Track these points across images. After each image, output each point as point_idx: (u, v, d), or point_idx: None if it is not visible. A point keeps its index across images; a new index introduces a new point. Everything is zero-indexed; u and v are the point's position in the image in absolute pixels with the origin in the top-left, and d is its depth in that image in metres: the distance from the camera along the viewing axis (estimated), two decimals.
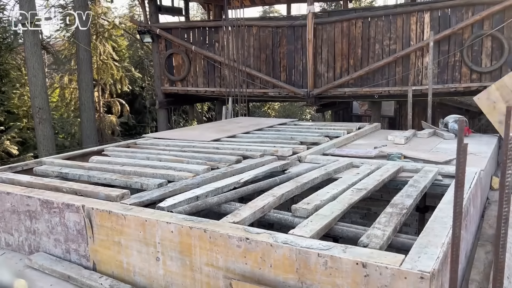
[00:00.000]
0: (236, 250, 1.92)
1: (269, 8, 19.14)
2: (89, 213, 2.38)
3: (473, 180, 2.79)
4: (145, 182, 2.91)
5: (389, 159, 3.70)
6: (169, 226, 2.11)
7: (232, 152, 3.85)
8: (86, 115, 9.92)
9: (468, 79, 7.38)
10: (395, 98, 9.15)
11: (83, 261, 2.47)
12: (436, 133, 5.10)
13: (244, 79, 8.64)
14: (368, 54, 7.98)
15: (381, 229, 2.01)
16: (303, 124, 6.03)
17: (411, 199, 2.45)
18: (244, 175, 3.04)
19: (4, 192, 2.78)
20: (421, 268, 1.57)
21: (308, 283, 1.77)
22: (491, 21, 7.07)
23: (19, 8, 8.36)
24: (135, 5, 15.65)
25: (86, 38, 9.79)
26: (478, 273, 2.36)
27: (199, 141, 4.58)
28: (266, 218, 2.43)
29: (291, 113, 18.60)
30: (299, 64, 8.50)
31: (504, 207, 1.49)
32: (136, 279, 2.28)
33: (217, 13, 11.12)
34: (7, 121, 9.85)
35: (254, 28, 8.79)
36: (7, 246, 2.85)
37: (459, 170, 1.45)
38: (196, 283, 2.07)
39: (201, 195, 2.61)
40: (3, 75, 10.24)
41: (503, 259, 1.52)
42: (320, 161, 3.61)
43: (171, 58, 9.58)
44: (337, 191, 2.63)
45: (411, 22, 7.59)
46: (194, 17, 17.60)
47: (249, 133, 5.14)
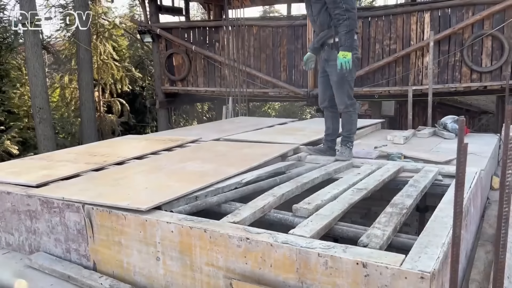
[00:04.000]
0: (236, 250, 1.92)
1: (269, 8, 19.10)
2: (89, 212, 2.38)
3: (473, 180, 2.79)
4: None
5: (390, 159, 3.70)
6: (169, 226, 2.11)
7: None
8: (87, 115, 9.91)
9: (468, 79, 7.37)
10: (395, 98, 9.14)
11: (83, 260, 2.48)
12: (436, 133, 5.09)
13: (244, 79, 8.64)
14: (368, 54, 7.97)
15: (381, 229, 2.01)
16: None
17: (411, 199, 2.45)
18: (247, 175, 3.02)
19: (5, 191, 2.78)
20: (422, 268, 1.57)
21: (308, 283, 1.77)
22: (491, 21, 7.06)
23: (20, 8, 8.36)
24: (135, 5, 15.64)
25: (87, 38, 9.79)
26: (478, 273, 2.36)
27: (204, 142, 4.58)
28: (266, 218, 2.43)
29: (291, 113, 18.59)
30: (299, 64, 8.50)
31: (504, 207, 1.48)
32: (136, 279, 2.28)
33: (217, 13, 11.12)
34: (8, 121, 9.85)
35: (254, 28, 8.78)
36: (7, 246, 2.85)
37: (459, 170, 1.45)
38: (196, 283, 2.07)
39: (200, 195, 2.61)
40: (4, 75, 10.22)
41: (503, 259, 1.52)
42: (320, 161, 3.61)
43: (171, 58, 9.58)
44: (338, 191, 2.63)
45: (411, 22, 7.59)
46: (194, 17, 17.58)
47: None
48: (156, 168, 3.24)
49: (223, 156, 3.64)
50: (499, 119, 8.66)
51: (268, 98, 10.36)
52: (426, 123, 6.63)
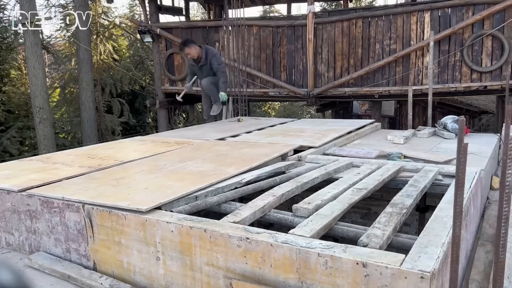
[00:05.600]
0: (236, 249, 1.92)
1: (269, 7, 19.11)
2: (89, 212, 2.38)
3: (473, 180, 2.79)
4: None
5: (389, 159, 3.70)
6: (169, 225, 2.11)
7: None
8: (86, 114, 9.91)
9: (468, 78, 7.37)
10: (395, 98, 9.15)
11: (83, 260, 2.48)
12: (436, 133, 5.09)
13: (244, 78, 8.63)
14: (369, 54, 7.97)
15: (381, 229, 2.01)
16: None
17: (411, 199, 2.45)
18: (247, 175, 3.02)
19: (5, 191, 2.78)
20: (422, 268, 1.57)
21: (308, 282, 1.77)
22: (491, 20, 7.07)
23: (20, 8, 8.35)
24: (135, 4, 15.64)
25: (87, 37, 9.79)
26: (478, 273, 2.36)
27: (203, 140, 4.59)
28: (266, 217, 2.43)
29: (291, 112, 18.61)
30: (299, 64, 8.50)
31: (504, 206, 1.49)
32: (136, 279, 2.28)
33: (217, 13, 11.12)
34: (8, 121, 9.86)
35: (254, 28, 8.78)
36: (7, 246, 2.85)
37: (459, 169, 1.45)
38: (196, 283, 2.07)
39: (200, 195, 2.61)
40: (4, 75, 10.23)
41: (503, 259, 1.52)
42: (320, 161, 3.61)
43: (171, 58, 9.57)
44: (338, 191, 2.63)
45: (411, 22, 7.59)
46: (194, 16, 17.59)
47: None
48: (156, 168, 3.24)
49: (223, 156, 3.64)
50: (499, 119, 8.66)
51: (268, 98, 10.35)
52: (426, 123, 6.63)
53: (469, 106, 12.29)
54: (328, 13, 9.12)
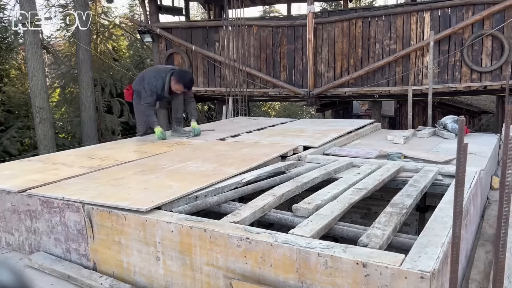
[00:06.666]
0: (236, 249, 1.92)
1: (269, 7, 19.11)
2: (89, 212, 2.38)
3: (473, 180, 2.79)
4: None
5: (389, 159, 3.70)
6: (169, 225, 2.11)
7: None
8: (86, 114, 9.91)
9: (468, 78, 7.37)
10: (395, 98, 9.14)
11: (83, 260, 2.48)
12: (436, 133, 5.09)
13: (244, 78, 8.63)
14: (368, 54, 7.98)
15: (381, 229, 2.01)
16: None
17: (411, 199, 2.45)
18: (247, 175, 3.02)
19: (5, 191, 2.78)
20: (421, 268, 1.57)
21: (308, 282, 1.77)
22: (491, 20, 7.07)
23: (19, 8, 8.35)
24: (135, 4, 15.64)
25: (87, 37, 9.78)
26: (478, 273, 2.36)
27: (203, 140, 4.59)
28: (266, 217, 2.43)
29: (291, 112, 18.61)
30: (299, 64, 8.50)
31: (504, 206, 1.49)
32: (136, 279, 2.28)
33: (217, 13, 11.12)
34: (7, 121, 9.86)
35: (254, 28, 8.78)
36: (7, 246, 2.85)
37: (459, 169, 1.45)
38: (196, 283, 2.07)
39: (200, 195, 2.61)
40: (4, 75, 10.23)
41: (503, 259, 1.52)
42: (320, 160, 3.61)
43: (171, 58, 9.57)
44: (338, 191, 2.63)
45: (411, 22, 7.59)
46: (194, 16, 17.59)
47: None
48: (156, 168, 3.24)
49: (223, 156, 3.64)
50: (499, 119, 8.66)
51: (268, 98, 10.36)
52: (426, 123, 6.63)
53: (469, 106, 12.30)
54: (328, 13, 9.13)
